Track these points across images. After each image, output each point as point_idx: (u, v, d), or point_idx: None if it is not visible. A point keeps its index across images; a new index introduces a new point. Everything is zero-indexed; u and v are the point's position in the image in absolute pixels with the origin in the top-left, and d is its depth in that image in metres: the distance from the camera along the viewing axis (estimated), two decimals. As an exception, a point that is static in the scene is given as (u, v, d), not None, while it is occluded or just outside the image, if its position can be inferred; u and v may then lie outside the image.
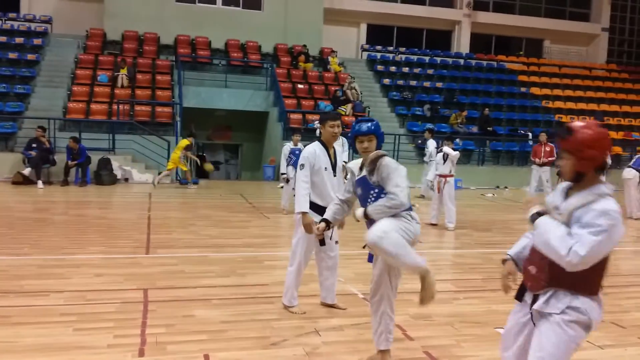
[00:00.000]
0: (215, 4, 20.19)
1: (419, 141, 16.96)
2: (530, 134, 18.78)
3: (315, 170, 4.48)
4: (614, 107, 21.79)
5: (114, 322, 4.24)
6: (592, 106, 21.46)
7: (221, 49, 19.90)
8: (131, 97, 16.48)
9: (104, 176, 13.70)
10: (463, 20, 23.99)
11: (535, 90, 21.74)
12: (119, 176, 14.21)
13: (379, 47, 22.65)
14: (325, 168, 4.52)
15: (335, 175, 4.61)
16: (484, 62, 23.10)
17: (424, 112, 19.21)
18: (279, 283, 5.56)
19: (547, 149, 13.28)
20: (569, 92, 22.16)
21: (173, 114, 16.37)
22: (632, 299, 5.49)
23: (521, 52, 25.12)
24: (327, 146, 4.58)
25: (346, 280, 5.77)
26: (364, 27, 23.22)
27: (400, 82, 20.49)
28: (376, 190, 3.49)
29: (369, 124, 3.61)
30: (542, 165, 13.25)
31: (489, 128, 18.75)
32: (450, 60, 22.88)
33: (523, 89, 21.73)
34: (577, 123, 2.55)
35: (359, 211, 3.53)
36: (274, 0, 20.27)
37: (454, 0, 24.16)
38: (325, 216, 3.83)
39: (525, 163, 17.30)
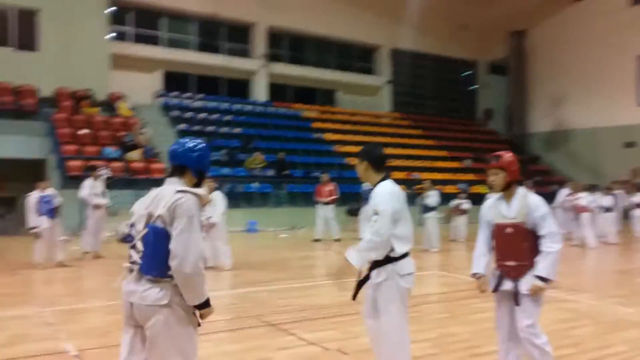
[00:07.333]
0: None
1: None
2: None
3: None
4: (398, 150, 23.91)
5: None
6: (379, 150, 23.25)
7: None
8: None
9: None
10: (260, 70, 24.71)
11: (328, 136, 23.03)
12: None
13: (174, 94, 22.21)
14: None
15: None
16: (281, 110, 23.95)
17: (221, 157, 19.09)
18: None
19: (329, 188, 13.89)
20: (359, 137, 23.83)
21: None
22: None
23: (316, 103, 26.60)
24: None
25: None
26: (158, 74, 22.57)
27: (197, 127, 20.20)
28: None
29: None
30: (326, 203, 13.79)
31: (285, 171, 19.22)
32: (248, 107, 23.30)
33: (317, 135, 22.86)
34: (500, 152, 3.74)
35: None
36: (52, 42, 18.80)
37: (250, 51, 24.83)
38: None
39: (320, 203, 17.97)
